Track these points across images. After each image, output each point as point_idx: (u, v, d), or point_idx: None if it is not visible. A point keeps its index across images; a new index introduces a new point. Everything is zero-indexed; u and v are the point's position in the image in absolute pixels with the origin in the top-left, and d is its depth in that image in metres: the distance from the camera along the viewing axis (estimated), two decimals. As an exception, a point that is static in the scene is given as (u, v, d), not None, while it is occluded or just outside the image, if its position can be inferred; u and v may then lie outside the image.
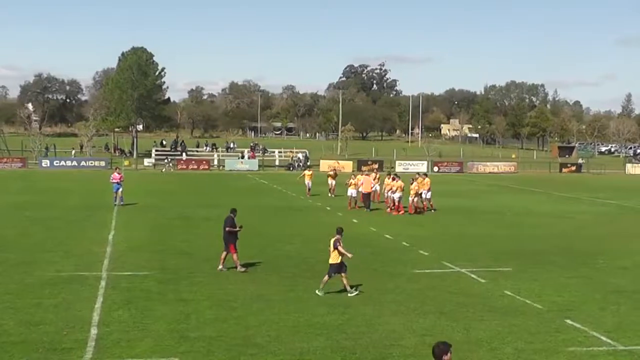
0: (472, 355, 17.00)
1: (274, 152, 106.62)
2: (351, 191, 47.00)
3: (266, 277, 25.18)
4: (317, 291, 22.46)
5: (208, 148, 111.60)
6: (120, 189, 46.30)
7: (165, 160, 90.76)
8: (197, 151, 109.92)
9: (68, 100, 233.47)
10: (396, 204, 44.52)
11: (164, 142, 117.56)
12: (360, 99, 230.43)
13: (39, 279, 24.13)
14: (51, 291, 22.52)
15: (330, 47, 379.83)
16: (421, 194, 45.11)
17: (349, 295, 22.30)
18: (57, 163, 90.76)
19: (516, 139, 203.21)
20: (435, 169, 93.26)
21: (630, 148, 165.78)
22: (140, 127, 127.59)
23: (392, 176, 46.97)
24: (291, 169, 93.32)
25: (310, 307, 20.97)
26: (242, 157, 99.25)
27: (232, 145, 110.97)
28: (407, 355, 16.87)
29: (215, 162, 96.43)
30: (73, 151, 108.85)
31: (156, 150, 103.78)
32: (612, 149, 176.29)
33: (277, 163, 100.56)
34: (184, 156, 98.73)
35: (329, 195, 53.62)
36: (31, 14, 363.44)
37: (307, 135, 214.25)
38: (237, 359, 16.44)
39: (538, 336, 18.58)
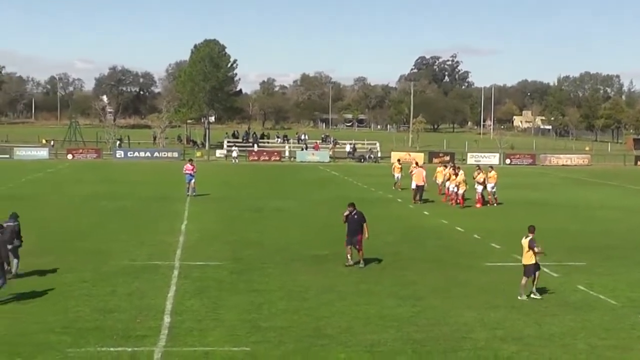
0: (544, 350, 16.80)
1: (344, 144, 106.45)
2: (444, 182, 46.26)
3: (337, 268, 25.23)
4: (519, 297, 21.28)
5: (279, 140, 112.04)
6: (193, 180, 46.77)
7: (233, 151, 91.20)
8: (267, 142, 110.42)
9: (141, 92, 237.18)
10: (459, 197, 43.82)
11: (237, 133, 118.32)
12: (432, 91, 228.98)
13: (113, 267, 24.56)
14: (125, 280, 22.93)
15: (402, 38, 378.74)
16: (485, 187, 44.54)
17: (532, 296, 21.49)
18: (130, 154, 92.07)
19: (590, 131, 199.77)
20: (507, 161, 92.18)
21: None
22: (212, 118, 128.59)
23: (455, 169, 46.39)
24: (362, 160, 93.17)
25: (381, 299, 20.97)
26: (306, 148, 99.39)
27: (303, 137, 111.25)
28: (478, 349, 16.76)
29: (287, 154, 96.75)
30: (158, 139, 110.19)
31: (228, 142, 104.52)
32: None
33: (348, 155, 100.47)
34: (256, 147, 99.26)
35: (393, 188, 52.95)
36: (106, 8, 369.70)
37: (378, 127, 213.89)
38: (308, 350, 16.51)
39: (612, 332, 18.29)
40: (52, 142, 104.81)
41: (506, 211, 42.22)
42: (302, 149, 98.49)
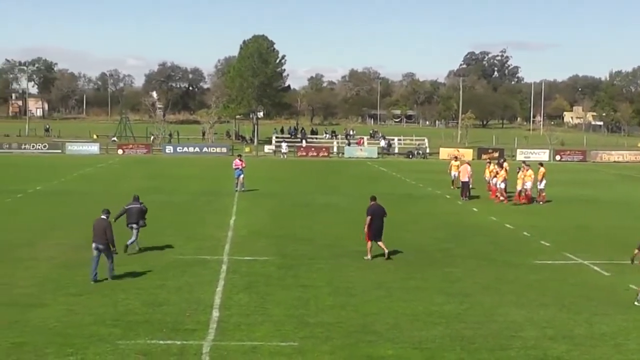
0: (595, 350, 16.62)
1: (393, 139, 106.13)
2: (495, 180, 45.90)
3: (385, 264, 25.21)
4: (635, 302, 20.63)
5: (327, 135, 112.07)
6: (242, 176, 46.98)
7: (282, 147, 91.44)
8: (316, 138, 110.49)
9: (191, 88, 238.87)
10: (503, 192, 43.55)
11: (293, 129, 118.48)
12: (481, 86, 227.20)
13: (162, 261, 24.80)
14: (174, 274, 23.14)
15: (450, 34, 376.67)
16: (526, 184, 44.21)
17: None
18: (180, 149, 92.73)
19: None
20: (557, 157, 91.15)
21: None
22: (260, 114, 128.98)
23: (500, 165, 46.11)
24: (410, 156, 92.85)
25: (429, 296, 20.91)
26: (349, 144, 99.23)
27: (351, 133, 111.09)
28: (528, 348, 16.63)
29: (335, 149, 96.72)
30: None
31: (276, 137, 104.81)
32: None
33: (396, 151, 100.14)
34: (304, 143, 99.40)
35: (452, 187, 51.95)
36: (156, 5, 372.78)
37: (427, 122, 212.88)
38: (356, 346, 16.52)
39: (665, 332, 18.03)
40: (113, 138, 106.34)
41: (556, 208, 41.79)
42: (348, 145, 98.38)
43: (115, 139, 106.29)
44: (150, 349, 16.01)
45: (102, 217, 22.82)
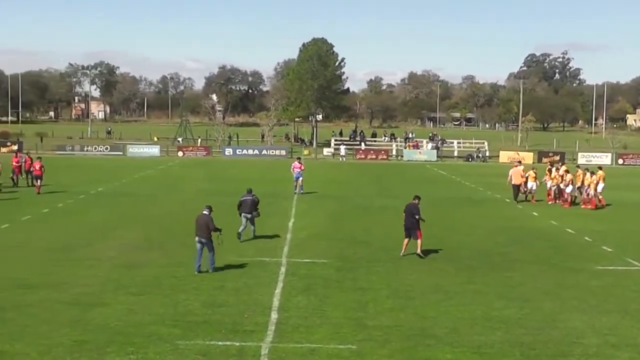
0: (660, 357, 16.31)
1: (452, 142, 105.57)
2: (550, 184, 45.45)
3: (444, 268, 25.06)
4: None
5: (386, 138, 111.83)
6: (301, 178, 47.10)
7: (341, 150, 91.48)
8: (374, 141, 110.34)
9: (250, 90, 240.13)
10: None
11: (352, 132, 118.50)
12: (542, 89, 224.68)
13: (221, 263, 24.90)
14: (233, 275, 23.29)
15: (511, 36, 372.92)
16: (579, 187, 43.81)
17: None
18: (239, 152, 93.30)
19: None
20: (620, 161, 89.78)
21: None
22: (319, 116, 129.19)
23: (552, 167, 45.90)
24: (470, 160, 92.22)
25: (488, 300, 20.73)
26: (405, 147, 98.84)
27: (410, 136, 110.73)
28: (589, 355, 16.37)
29: (394, 152, 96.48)
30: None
31: (335, 140, 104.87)
32: None
33: (455, 154, 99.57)
34: (363, 146, 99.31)
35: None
36: (216, 8, 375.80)
37: (487, 125, 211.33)
38: (414, 349, 16.44)
39: None
40: (178, 139, 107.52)
41: (618, 213, 41.13)
42: (405, 148, 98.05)
43: (180, 140, 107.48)
44: (209, 350, 16.11)
45: (204, 212, 24.25)
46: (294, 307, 19.64)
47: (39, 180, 45.95)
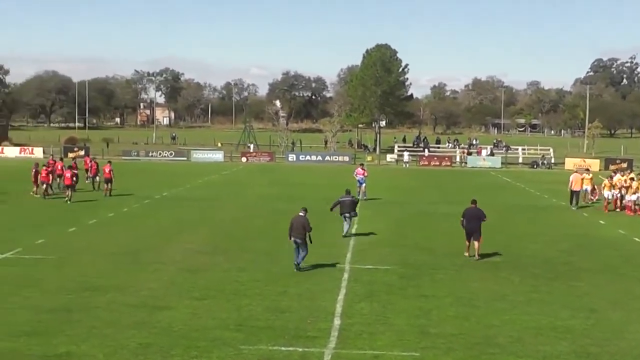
0: None
1: (517, 149, 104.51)
2: (607, 193, 44.77)
3: (508, 276, 24.79)
4: None
5: (450, 145, 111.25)
6: (364, 184, 47.04)
7: (404, 156, 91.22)
8: (438, 147, 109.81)
9: (313, 97, 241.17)
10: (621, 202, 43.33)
11: (416, 138, 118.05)
12: (609, 94, 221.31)
13: (284, 268, 25.01)
14: (296, 281, 23.34)
15: (577, 41, 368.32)
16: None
17: None
18: (302, 158, 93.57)
19: None
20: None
21: None
22: (383, 123, 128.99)
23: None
24: (535, 166, 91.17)
25: (554, 310, 20.42)
26: (468, 153, 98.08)
27: (474, 142, 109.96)
28: (658, 366, 16.06)
29: (458, 159, 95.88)
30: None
31: (399, 146, 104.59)
32: None
33: (520, 161, 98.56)
34: (426, 152, 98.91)
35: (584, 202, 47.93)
36: (280, 15, 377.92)
37: (552, 132, 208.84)
38: (478, 358, 16.29)
39: None
40: (251, 146, 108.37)
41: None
42: (470, 154, 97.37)
43: (251, 145, 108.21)
44: (272, 355, 16.15)
45: (301, 214, 25.34)
46: (356, 313, 19.60)
47: (108, 184, 46.75)
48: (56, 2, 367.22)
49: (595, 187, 47.35)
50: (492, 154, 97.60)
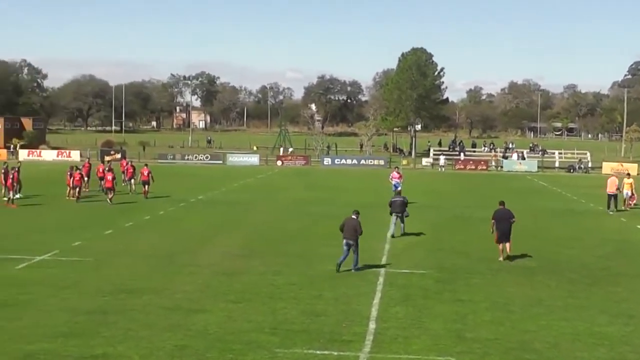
0: None
1: (553, 153, 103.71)
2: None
3: (545, 281, 24.60)
4: None
5: (486, 148, 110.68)
6: (400, 188, 46.89)
7: (440, 160, 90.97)
8: (474, 151, 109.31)
9: (349, 100, 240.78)
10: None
11: (452, 142, 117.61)
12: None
13: (319, 272, 25.03)
14: (331, 284, 23.32)
15: (614, 44, 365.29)
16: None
17: None
18: (337, 161, 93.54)
19: None
20: None
21: None
22: (418, 126, 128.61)
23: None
24: (571, 171, 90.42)
25: (591, 316, 20.23)
26: (504, 157, 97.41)
27: (510, 146, 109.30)
28: (698, 373, 15.83)
29: (493, 163, 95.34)
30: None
31: (434, 150, 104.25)
32: None
33: (557, 165, 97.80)
34: (462, 156, 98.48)
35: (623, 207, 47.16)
36: (316, 19, 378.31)
37: (589, 135, 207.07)
38: (514, 363, 16.18)
39: None
40: (290, 149, 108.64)
41: None
42: (506, 158, 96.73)
43: (291, 149, 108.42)
44: (307, 359, 16.17)
45: (353, 216, 25.88)
46: (392, 317, 19.56)
47: (146, 186, 47.17)
48: (94, 6, 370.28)
49: (634, 192, 46.88)
50: (523, 158, 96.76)
